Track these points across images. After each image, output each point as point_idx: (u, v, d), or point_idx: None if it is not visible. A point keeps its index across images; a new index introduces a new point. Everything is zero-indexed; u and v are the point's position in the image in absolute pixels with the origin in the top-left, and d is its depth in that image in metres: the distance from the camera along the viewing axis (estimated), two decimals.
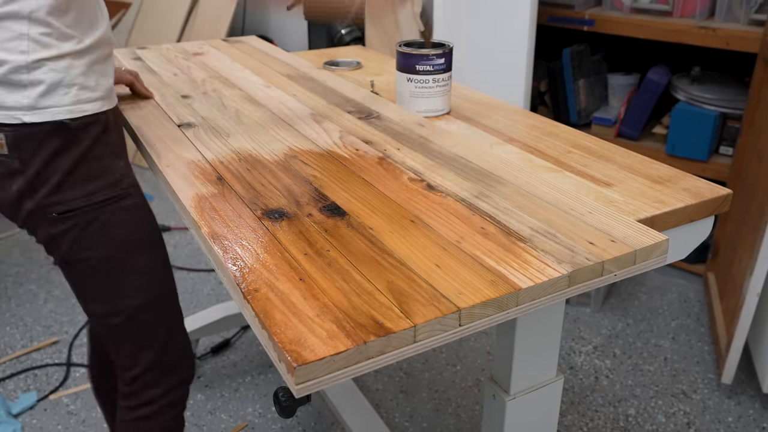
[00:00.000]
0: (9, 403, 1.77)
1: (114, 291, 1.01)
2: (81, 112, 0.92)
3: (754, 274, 1.60)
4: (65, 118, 0.90)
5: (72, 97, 0.90)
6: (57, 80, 0.89)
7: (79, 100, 0.91)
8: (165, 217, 2.81)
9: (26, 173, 0.91)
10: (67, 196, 0.93)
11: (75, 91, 0.91)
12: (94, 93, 0.94)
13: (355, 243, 0.75)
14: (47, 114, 0.89)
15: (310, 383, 0.57)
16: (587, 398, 1.77)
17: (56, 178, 0.92)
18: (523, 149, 1.07)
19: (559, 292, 0.69)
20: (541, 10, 2.26)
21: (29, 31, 0.86)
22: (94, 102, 0.94)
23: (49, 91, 0.89)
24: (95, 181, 0.95)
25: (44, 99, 0.89)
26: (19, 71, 0.87)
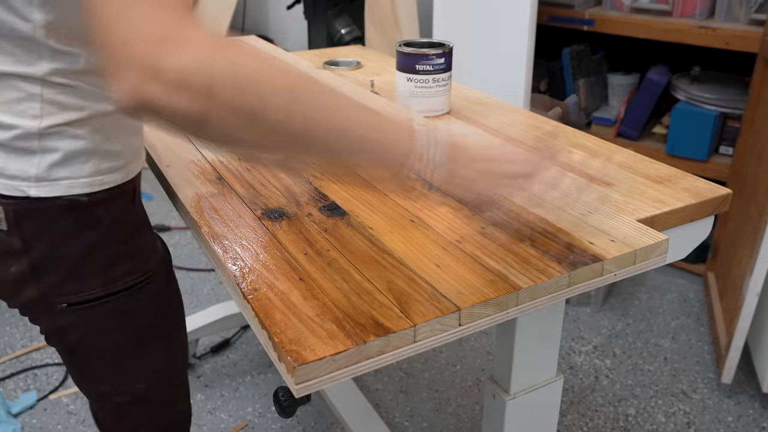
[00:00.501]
0: (9, 402, 1.77)
1: (121, 377, 0.87)
2: (102, 184, 0.74)
3: (753, 274, 1.60)
4: (81, 193, 0.73)
5: (92, 166, 0.73)
6: (76, 148, 0.72)
7: (100, 171, 0.74)
8: (165, 217, 2.81)
9: (30, 255, 0.74)
10: (80, 286, 0.77)
11: (97, 159, 0.73)
12: (119, 159, 0.76)
13: (355, 243, 0.75)
14: (59, 188, 0.72)
15: (309, 383, 0.57)
16: (587, 398, 1.77)
17: (67, 265, 0.76)
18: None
19: (559, 292, 0.69)
20: (541, 10, 2.26)
21: (43, 91, 0.69)
22: (119, 171, 0.76)
23: (64, 161, 0.72)
24: (116, 267, 0.79)
25: (57, 169, 0.72)
26: (29, 138, 0.70)
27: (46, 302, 0.78)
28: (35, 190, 0.72)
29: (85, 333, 0.81)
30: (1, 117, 0.70)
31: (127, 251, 0.80)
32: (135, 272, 0.81)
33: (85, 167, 0.73)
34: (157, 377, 0.90)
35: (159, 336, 0.87)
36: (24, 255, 0.74)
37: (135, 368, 0.87)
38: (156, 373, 0.89)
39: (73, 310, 0.78)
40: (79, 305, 0.78)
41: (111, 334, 0.82)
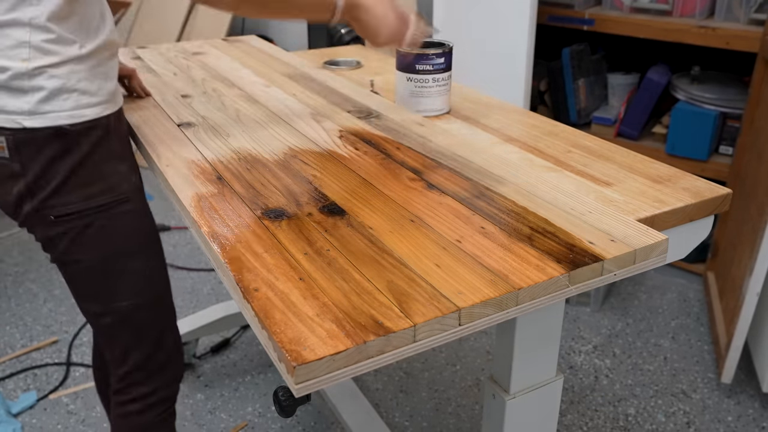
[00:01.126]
0: (9, 402, 1.77)
1: (107, 292, 1.02)
2: (81, 117, 0.92)
3: (753, 274, 1.60)
4: (65, 123, 0.90)
5: (72, 102, 0.91)
6: (58, 86, 0.89)
7: (79, 105, 0.91)
8: (165, 216, 2.81)
9: (26, 176, 0.92)
10: (64, 200, 0.94)
11: (76, 96, 0.91)
12: (95, 98, 0.93)
13: (354, 242, 0.75)
14: (47, 119, 0.89)
15: (309, 383, 0.57)
16: (587, 398, 1.77)
17: (55, 182, 0.93)
18: (522, 149, 1.07)
19: (558, 291, 0.69)
20: (541, 10, 2.26)
21: (30, 38, 0.86)
22: (94, 107, 0.93)
23: (49, 97, 0.89)
24: (93, 186, 0.95)
25: (44, 104, 0.89)
26: (21, 78, 0.87)
27: (39, 215, 0.95)
28: (30, 121, 0.89)
29: (70, 243, 0.97)
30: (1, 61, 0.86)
31: (101, 174, 0.96)
32: (109, 192, 0.97)
33: (66, 103, 0.90)
34: (138, 297, 1.04)
35: (135, 255, 1.03)
36: (21, 176, 0.92)
37: (116, 285, 1.02)
38: (136, 292, 1.04)
39: (59, 222, 0.95)
40: (64, 217, 0.95)
41: (91, 248, 0.99)
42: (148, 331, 1.08)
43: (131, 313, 1.04)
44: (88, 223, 0.96)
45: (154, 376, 1.11)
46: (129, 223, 1.01)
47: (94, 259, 0.99)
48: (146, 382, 1.10)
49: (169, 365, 1.13)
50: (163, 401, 1.13)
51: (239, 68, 1.51)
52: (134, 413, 1.11)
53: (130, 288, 1.03)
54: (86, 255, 0.99)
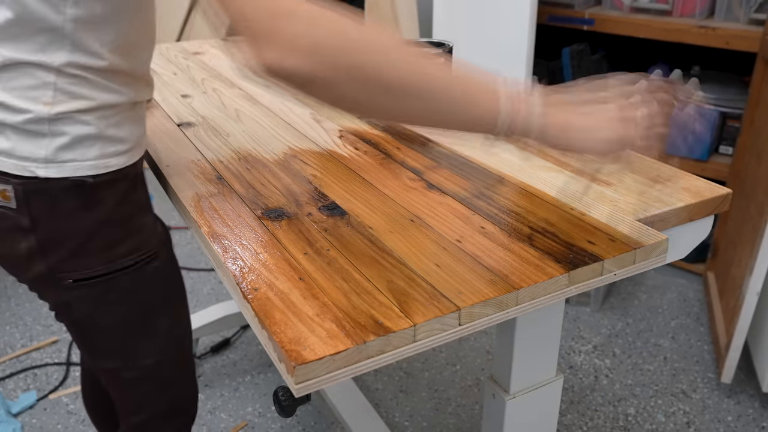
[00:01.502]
0: (9, 402, 1.77)
1: (128, 351, 0.92)
2: (106, 167, 0.79)
3: (753, 274, 1.60)
4: (87, 175, 0.78)
5: (97, 150, 0.78)
6: (83, 133, 0.77)
7: (104, 154, 0.79)
8: (165, 216, 2.81)
9: (37, 233, 0.79)
10: (85, 263, 0.82)
11: (101, 144, 0.78)
12: (123, 145, 0.81)
13: (354, 242, 0.75)
14: (66, 169, 0.77)
15: (309, 383, 0.57)
16: (587, 397, 1.77)
17: (74, 243, 0.80)
18: (522, 149, 1.07)
19: (558, 291, 0.69)
20: (541, 10, 2.26)
21: (57, 81, 0.74)
22: (122, 155, 0.81)
23: (71, 144, 0.77)
24: (119, 246, 0.83)
25: (64, 152, 0.76)
26: (40, 122, 0.75)
27: (53, 278, 0.82)
28: (44, 170, 0.76)
29: (91, 308, 0.86)
30: (16, 101, 0.74)
31: (128, 231, 0.84)
32: (137, 251, 0.85)
33: (90, 151, 0.78)
34: (163, 354, 0.94)
35: (162, 313, 0.92)
36: (32, 232, 0.79)
37: (141, 345, 0.91)
38: (161, 349, 0.94)
39: (79, 286, 0.83)
40: (84, 281, 0.83)
41: (115, 311, 0.87)
42: (169, 385, 1.00)
43: (154, 370, 0.95)
44: (112, 287, 0.85)
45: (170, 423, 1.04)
46: (157, 281, 0.90)
47: (115, 322, 0.88)
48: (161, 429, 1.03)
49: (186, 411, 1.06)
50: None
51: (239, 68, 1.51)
52: None
53: (154, 346, 0.93)
54: (106, 319, 0.88)
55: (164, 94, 1.31)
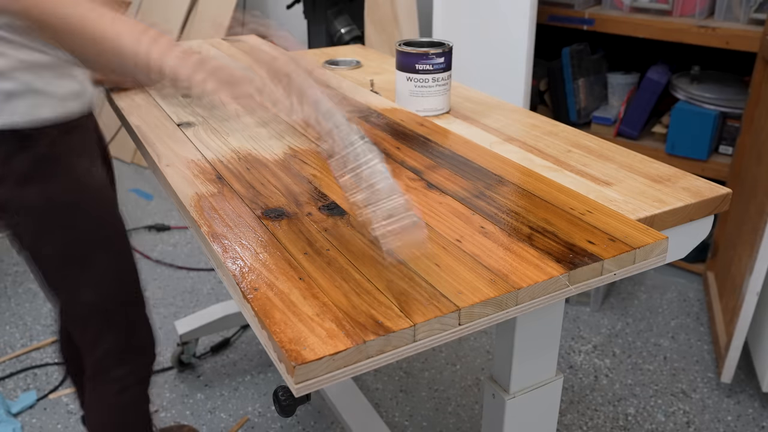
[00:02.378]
0: (8, 402, 1.77)
1: (74, 283, 1.04)
2: (36, 116, 0.95)
3: (753, 273, 1.60)
4: (20, 122, 0.94)
5: (28, 102, 0.94)
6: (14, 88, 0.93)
7: (36, 105, 0.95)
8: (165, 216, 2.81)
9: None
10: (24, 194, 0.97)
11: (32, 97, 0.94)
12: (53, 99, 0.97)
13: (354, 242, 0.75)
14: (3, 118, 0.93)
15: (309, 382, 0.57)
16: (587, 397, 1.77)
17: (13, 178, 0.96)
18: (522, 148, 1.07)
19: (558, 291, 0.69)
20: (541, 10, 2.26)
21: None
22: (52, 108, 0.97)
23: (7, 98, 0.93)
24: (53, 182, 0.98)
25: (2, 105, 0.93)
26: None
27: (3, 208, 0.98)
28: None
29: (35, 236, 1.00)
30: None
31: (62, 170, 0.99)
32: (70, 189, 1.00)
33: (22, 103, 0.94)
34: (102, 289, 1.06)
35: (100, 249, 1.05)
36: None
37: (80, 278, 1.04)
38: (103, 285, 1.06)
39: (23, 214, 0.98)
40: (26, 209, 0.98)
41: (54, 241, 1.01)
42: (117, 319, 1.10)
43: (100, 303, 1.07)
44: (50, 217, 0.99)
45: (127, 360, 1.13)
46: (92, 217, 1.04)
47: (58, 252, 1.02)
48: (119, 366, 1.13)
49: (141, 349, 1.15)
50: (139, 381, 1.16)
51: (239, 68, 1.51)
52: (110, 395, 1.14)
53: (96, 279, 1.05)
54: (49, 248, 1.01)
55: (164, 94, 1.31)
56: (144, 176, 3.19)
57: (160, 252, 2.54)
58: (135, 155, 3.31)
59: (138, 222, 2.76)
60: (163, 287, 2.31)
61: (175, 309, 2.18)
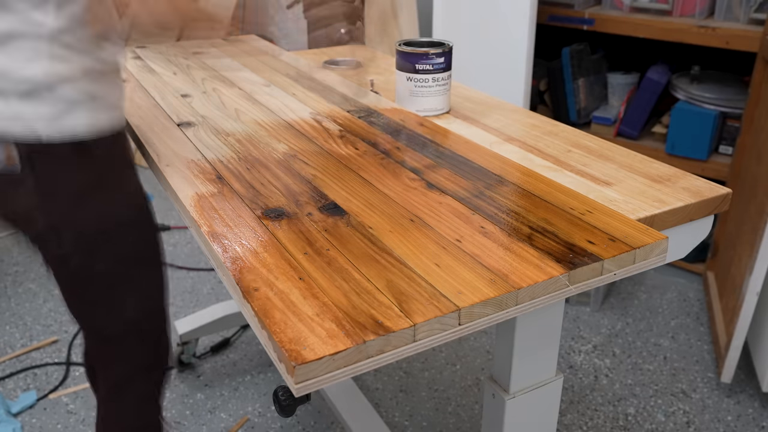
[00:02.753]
0: (8, 402, 1.77)
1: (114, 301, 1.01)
2: (99, 129, 0.90)
3: (753, 273, 1.60)
4: (83, 136, 0.88)
5: (91, 114, 0.89)
6: (77, 98, 0.87)
7: (97, 118, 0.89)
8: (165, 216, 2.81)
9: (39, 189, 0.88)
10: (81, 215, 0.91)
11: (94, 109, 0.89)
12: (113, 110, 0.92)
13: (354, 242, 0.75)
14: (65, 130, 0.87)
15: (309, 382, 0.57)
16: (587, 397, 1.77)
17: (70, 197, 0.90)
18: (522, 148, 1.07)
19: (558, 291, 0.69)
20: (541, 9, 2.26)
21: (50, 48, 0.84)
22: (111, 119, 0.92)
23: (69, 109, 0.86)
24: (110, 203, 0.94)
25: (64, 115, 0.86)
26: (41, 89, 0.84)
27: (54, 233, 0.92)
28: (47, 132, 0.86)
29: (85, 258, 0.94)
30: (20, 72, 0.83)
31: (119, 187, 0.96)
32: (126, 205, 0.97)
33: (85, 115, 0.88)
34: (143, 305, 1.04)
35: (144, 264, 1.03)
36: (35, 189, 0.88)
37: (125, 294, 1.01)
38: (142, 300, 1.04)
39: (77, 239, 0.92)
40: (82, 235, 0.92)
41: (107, 260, 0.96)
42: (149, 338, 1.09)
43: (137, 322, 1.05)
44: (103, 239, 0.94)
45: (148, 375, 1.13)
46: (141, 234, 1.01)
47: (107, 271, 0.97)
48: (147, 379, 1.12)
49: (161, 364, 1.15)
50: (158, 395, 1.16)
51: (239, 68, 1.51)
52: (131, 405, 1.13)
53: (137, 298, 1.03)
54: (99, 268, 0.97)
55: (164, 94, 1.31)
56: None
57: None
58: (135, 155, 3.31)
59: None
60: None
61: (175, 309, 2.18)
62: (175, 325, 1.84)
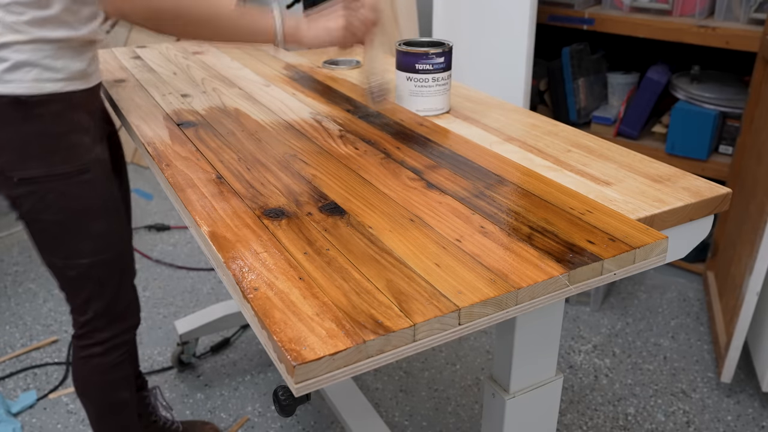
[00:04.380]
0: (8, 402, 1.77)
1: (68, 249, 1.13)
2: (40, 90, 1.01)
3: (753, 273, 1.60)
4: (23, 94, 1.00)
5: (34, 75, 1.00)
6: (22, 60, 0.98)
7: (40, 79, 1.01)
8: (165, 216, 2.81)
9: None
10: (26, 165, 1.04)
11: (38, 71, 1.00)
12: (57, 74, 1.03)
13: (354, 242, 0.75)
14: (8, 87, 0.98)
15: (309, 382, 0.57)
16: (587, 397, 1.77)
17: (16, 146, 1.02)
18: (522, 148, 1.07)
19: (558, 291, 0.69)
20: (541, 9, 2.26)
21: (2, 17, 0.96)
22: (56, 82, 1.03)
23: (12, 68, 0.98)
24: (54, 155, 1.05)
25: (7, 74, 0.98)
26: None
27: (3, 176, 1.04)
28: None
29: (33, 205, 1.07)
30: None
31: (63, 145, 1.06)
32: (70, 162, 1.07)
33: (28, 75, 0.99)
34: (97, 255, 1.15)
35: (94, 219, 1.13)
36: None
37: (78, 244, 1.12)
38: (96, 251, 1.14)
39: (23, 185, 1.05)
40: (26, 180, 1.04)
41: (53, 210, 1.08)
42: (107, 285, 1.19)
43: (90, 269, 1.15)
44: (50, 188, 1.06)
45: (112, 324, 1.23)
46: (89, 190, 1.11)
47: (55, 220, 1.09)
48: (105, 329, 1.23)
49: (126, 315, 1.25)
50: (121, 345, 1.26)
51: (239, 68, 1.51)
52: (95, 356, 1.24)
53: (89, 246, 1.14)
54: (47, 216, 1.09)
55: (164, 94, 1.31)
56: (144, 176, 3.19)
57: (160, 252, 2.54)
58: (135, 155, 3.31)
59: (138, 222, 2.76)
60: (163, 287, 2.31)
61: (175, 309, 2.18)
62: (175, 324, 1.84)
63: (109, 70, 1.49)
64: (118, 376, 1.29)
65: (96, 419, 1.33)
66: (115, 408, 1.31)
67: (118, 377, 1.29)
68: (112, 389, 1.30)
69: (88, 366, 1.26)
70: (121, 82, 1.39)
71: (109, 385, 1.29)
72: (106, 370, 1.26)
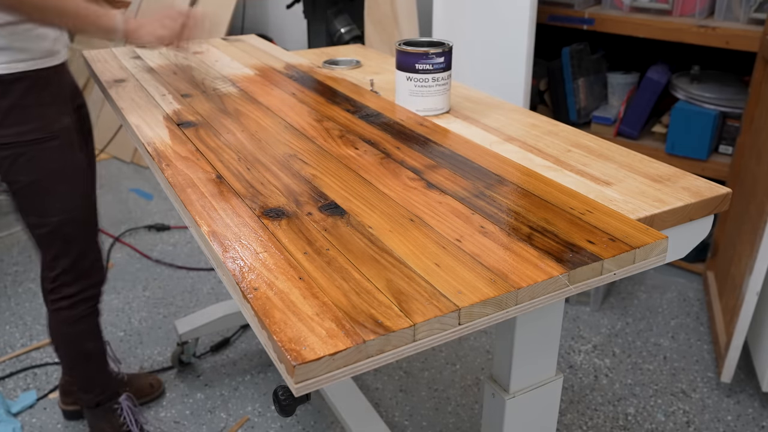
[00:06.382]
0: (8, 401, 1.77)
1: (40, 208, 1.30)
2: (14, 69, 1.21)
3: (753, 273, 1.60)
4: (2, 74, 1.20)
5: (7, 56, 1.20)
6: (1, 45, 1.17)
7: (13, 60, 1.21)
8: (165, 216, 2.81)
9: None
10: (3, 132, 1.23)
11: (11, 53, 1.20)
12: (26, 55, 1.22)
13: (354, 242, 0.75)
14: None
15: (309, 382, 0.57)
16: (587, 397, 1.77)
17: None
18: (522, 148, 1.07)
19: (558, 291, 0.69)
20: (541, 9, 2.26)
21: None
22: (27, 62, 1.22)
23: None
24: (25, 124, 1.24)
25: None
26: None
27: None
28: None
29: (9, 166, 1.26)
30: None
31: (32, 115, 1.25)
32: (39, 130, 1.26)
33: (2, 56, 1.19)
34: (65, 213, 1.32)
35: (62, 180, 1.31)
36: None
37: (48, 204, 1.30)
38: (64, 210, 1.32)
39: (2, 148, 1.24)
40: (2, 145, 1.24)
41: (26, 172, 1.27)
42: (73, 243, 1.36)
43: (59, 227, 1.33)
44: (22, 152, 1.25)
45: (79, 280, 1.40)
46: (56, 155, 1.29)
47: (27, 181, 1.27)
48: (72, 284, 1.39)
49: (91, 272, 1.41)
50: (88, 300, 1.43)
51: (239, 68, 1.51)
52: (64, 308, 1.41)
53: (58, 206, 1.31)
54: (20, 177, 1.27)
55: (164, 94, 1.31)
56: (144, 176, 3.19)
57: (160, 252, 2.54)
58: (135, 155, 3.31)
59: (138, 222, 2.76)
60: (163, 287, 2.31)
61: (175, 309, 2.19)
62: (175, 324, 1.84)
63: (109, 70, 1.49)
64: (85, 328, 1.45)
65: (69, 367, 1.52)
66: (83, 357, 1.48)
67: (85, 329, 1.45)
68: (79, 340, 1.46)
69: (58, 318, 1.42)
70: (121, 82, 1.39)
71: (76, 336, 1.45)
72: (73, 322, 1.42)
